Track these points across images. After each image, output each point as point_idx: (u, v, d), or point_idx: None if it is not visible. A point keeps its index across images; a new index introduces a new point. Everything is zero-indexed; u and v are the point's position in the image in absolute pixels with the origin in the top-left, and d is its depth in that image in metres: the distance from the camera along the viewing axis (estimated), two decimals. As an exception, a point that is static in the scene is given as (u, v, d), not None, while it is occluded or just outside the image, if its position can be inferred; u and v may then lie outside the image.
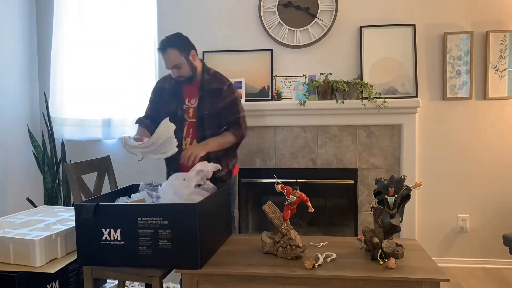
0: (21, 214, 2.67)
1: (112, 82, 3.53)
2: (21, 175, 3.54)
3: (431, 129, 3.33)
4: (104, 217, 1.97)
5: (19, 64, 3.56)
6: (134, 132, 3.54)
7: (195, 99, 2.42)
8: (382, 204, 1.95)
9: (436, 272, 1.76)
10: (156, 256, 1.88)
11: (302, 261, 1.88)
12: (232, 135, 2.41)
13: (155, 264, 1.92)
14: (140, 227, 1.91)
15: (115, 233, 1.97)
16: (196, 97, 2.41)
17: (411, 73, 3.26)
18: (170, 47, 2.36)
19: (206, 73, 2.46)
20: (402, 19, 3.31)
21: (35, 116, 3.72)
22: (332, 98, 3.27)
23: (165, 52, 2.36)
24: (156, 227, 1.88)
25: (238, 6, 3.45)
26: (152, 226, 1.88)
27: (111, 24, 3.52)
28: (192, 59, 2.40)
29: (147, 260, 1.90)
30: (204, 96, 2.40)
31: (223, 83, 2.45)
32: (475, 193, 3.31)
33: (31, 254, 2.13)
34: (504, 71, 3.22)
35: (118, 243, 1.96)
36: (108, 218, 1.97)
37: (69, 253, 2.35)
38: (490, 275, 3.14)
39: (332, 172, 3.36)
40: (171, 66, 2.37)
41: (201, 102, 2.39)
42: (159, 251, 1.88)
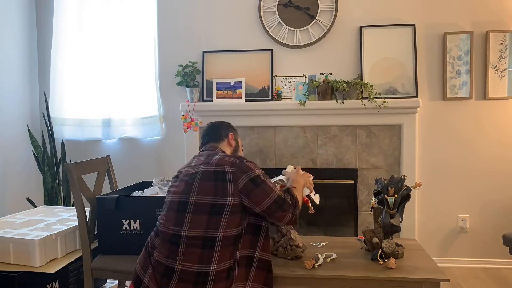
0: (21, 214, 2.67)
1: (112, 82, 3.53)
2: (21, 175, 3.55)
3: (431, 129, 3.33)
4: (125, 208, 2.16)
5: (19, 64, 3.56)
6: (134, 132, 3.56)
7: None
8: (382, 204, 1.95)
9: (436, 272, 1.76)
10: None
11: (302, 261, 1.88)
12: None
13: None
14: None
15: (134, 224, 2.16)
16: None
17: (411, 73, 3.26)
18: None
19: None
20: (402, 19, 3.31)
21: (35, 116, 3.72)
22: (332, 98, 3.27)
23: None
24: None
25: (238, 6, 3.45)
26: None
27: (111, 24, 3.52)
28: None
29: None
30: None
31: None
32: (475, 193, 3.31)
33: (31, 254, 2.13)
34: (504, 71, 3.22)
35: (138, 232, 2.15)
36: (128, 209, 2.16)
37: (69, 253, 2.35)
38: (490, 275, 3.14)
39: (332, 172, 3.36)
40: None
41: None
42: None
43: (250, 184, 1.66)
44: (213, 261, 1.61)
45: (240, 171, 1.67)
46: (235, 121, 3.38)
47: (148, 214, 2.14)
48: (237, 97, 3.34)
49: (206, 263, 1.60)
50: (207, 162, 1.74)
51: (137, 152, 3.61)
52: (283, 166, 3.36)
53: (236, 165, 1.69)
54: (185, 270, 1.60)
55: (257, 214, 1.70)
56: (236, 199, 1.64)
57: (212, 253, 1.61)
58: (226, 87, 3.36)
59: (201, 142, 2.00)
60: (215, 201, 1.64)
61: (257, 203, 1.66)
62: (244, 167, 1.69)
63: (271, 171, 2.67)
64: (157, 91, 3.52)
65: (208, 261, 1.60)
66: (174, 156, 3.55)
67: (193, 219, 1.64)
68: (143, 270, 1.71)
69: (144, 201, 2.18)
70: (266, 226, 1.75)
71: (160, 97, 3.53)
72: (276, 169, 3.29)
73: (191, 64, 3.43)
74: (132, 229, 2.16)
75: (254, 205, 1.67)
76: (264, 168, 3.37)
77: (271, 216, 1.70)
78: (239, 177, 1.66)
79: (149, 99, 3.54)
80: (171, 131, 3.56)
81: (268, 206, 1.67)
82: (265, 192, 1.67)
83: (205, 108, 3.35)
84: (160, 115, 3.53)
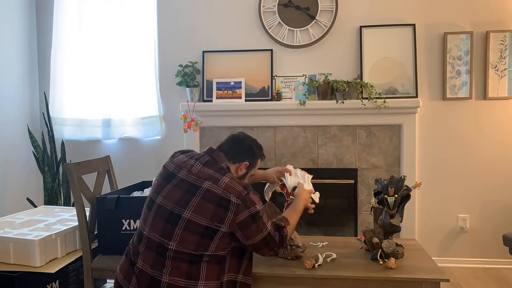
0: (21, 214, 2.67)
1: (112, 82, 3.53)
2: (21, 175, 3.54)
3: (431, 129, 3.33)
4: (125, 208, 2.16)
5: (19, 64, 3.56)
6: (134, 132, 3.56)
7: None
8: (382, 204, 1.95)
9: (436, 272, 1.76)
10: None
11: (302, 261, 1.88)
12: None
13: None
14: None
15: (134, 224, 2.16)
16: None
17: (411, 73, 3.26)
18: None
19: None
20: (402, 19, 3.31)
21: (35, 116, 3.72)
22: (332, 98, 3.27)
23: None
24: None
25: (238, 6, 3.45)
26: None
27: (111, 24, 3.52)
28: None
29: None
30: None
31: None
32: (475, 193, 3.31)
33: (31, 254, 2.13)
34: (504, 71, 3.22)
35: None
36: (128, 209, 2.16)
37: (69, 253, 2.35)
38: (490, 275, 3.14)
39: (332, 172, 3.36)
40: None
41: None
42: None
43: (248, 220, 1.61)
44: (200, 277, 1.58)
45: (244, 205, 1.60)
46: (235, 121, 3.39)
47: None
48: (237, 97, 3.34)
49: (194, 279, 1.58)
50: (214, 180, 1.63)
51: (137, 152, 3.61)
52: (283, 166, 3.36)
53: (242, 197, 1.60)
54: (172, 284, 1.57)
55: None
56: (230, 229, 1.60)
57: (199, 269, 1.59)
58: (226, 87, 3.36)
59: (220, 145, 1.86)
60: (209, 224, 1.58)
61: (248, 237, 1.64)
62: (249, 202, 1.62)
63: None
64: (157, 91, 3.51)
65: (196, 277, 1.58)
66: (174, 156, 3.54)
67: (183, 236, 1.58)
68: (126, 280, 1.65)
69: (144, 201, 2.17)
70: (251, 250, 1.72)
71: (160, 97, 3.53)
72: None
73: (191, 64, 3.42)
74: (132, 229, 2.16)
75: (244, 238, 1.64)
76: (264, 168, 3.37)
77: (255, 250, 1.69)
78: (241, 211, 1.60)
79: (149, 99, 3.54)
80: (171, 131, 3.56)
81: (257, 242, 1.65)
82: (259, 228, 1.64)
83: (205, 108, 3.35)
84: (160, 115, 3.53)
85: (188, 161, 1.74)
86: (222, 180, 1.63)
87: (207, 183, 1.63)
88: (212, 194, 1.60)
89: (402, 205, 1.95)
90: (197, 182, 1.64)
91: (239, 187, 1.62)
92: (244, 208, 1.60)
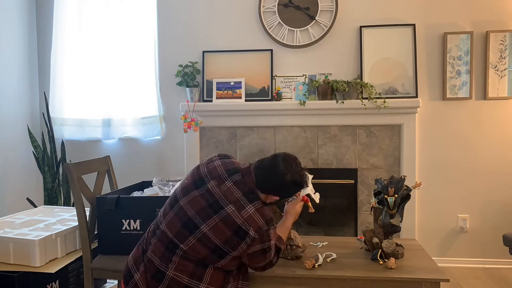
0: (21, 214, 2.67)
1: (112, 82, 3.53)
2: (21, 175, 3.54)
3: (431, 129, 3.33)
4: (125, 208, 2.17)
5: (19, 65, 3.56)
6: (134, 132, 3.56)
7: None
8: (382, 204, 1.95)
9: (436, 272, 1.76)
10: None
11: (302, 261, 1.88)
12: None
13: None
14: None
15: (134, 224, 2.17)
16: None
17: (411, 73, 3.26)
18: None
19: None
20: (402, 19, 3.31)
21: (35, 116, 3.72)
22: (332, 98, 3.27)
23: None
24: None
25: (238, 6, 3.45)
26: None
27: (111, 24, 3.52)
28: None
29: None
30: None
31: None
32: (475, 193, 3.31)
33: (31, 254, 2.13)
34: (504, 71, 3.22)
35: (138, 232, 2.15)
36: (128, 209, 2.17)
37: (69, 253, 2.35)
38: (490, 275, 3.14)
39: (332, 172, 3.36)
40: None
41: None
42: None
43: (259, 252, 1.64)
44: (204, 280, 1.61)
45: (260, 239, 1.60)
46: (235, 121, 3.39)
47: (148, 214, 2.14)
48: (237, 97, 3.34)
49: (197, 280, 1.61)
50: (238, 206, 1.59)
51: (137, 152, 3.61)
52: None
53: (261, 232, 1.59)
54: (176, 280, 1.61)
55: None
56: (238, 255, 1.63)
57: (204, 272, 1.62)
58: (226, 87, 3.36)
59: (258, 166, 1.70)
60: (221, 246, 1.60)
61: (251, 262, 1.68)
62: (266, 237, 1.61)
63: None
64: (157, 91, 3.51)
65: (199, 278, 1.61)
66: (174, 156, 3.55)
67: (196, 245, 1.61)
68: (135, 265, 1.70)
69: (144, 201, 2.19)
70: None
71: (160, 97, 3.53)
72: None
73: (191, 64, 3.42)
74: (132, 229, 2.16)
75: (248, 261, 1.67)
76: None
77: (252, 268, 1.73)
78: (255, 244, 1.60)
79: (149, 99, 3.54)
80: (171, 131, 3.56)
81: (257, 266, 1.70)
82: (264, 259, 1.67)
83: (205, 108, 3.35)
84: (160, 115, 3.53)
85: (221, 171, 1.69)
86: (246, 210, 1.59)
87: (230, 207, 1.60)
88: (232, 221, 1.58)
89: (402, 205, 1.95)
90: (222, 202, 1.61)
91: (261, 221, 1.59)
92: (258, 242, 1.61)
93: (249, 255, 1.64)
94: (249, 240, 1.58)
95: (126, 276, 1.72)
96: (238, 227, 1.57)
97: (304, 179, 1.71)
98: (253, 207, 1.61)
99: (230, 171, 1.69)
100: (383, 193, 1.94)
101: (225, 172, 1.69)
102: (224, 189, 1.64)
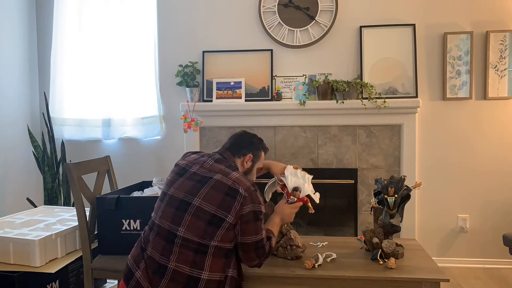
0: (21, 214, 2.68)
1: (112, 82, 3.53)
2: (21, 175, 3.54)
3: (431, 129, 3.33)
4: (125, 208, 2.17)
5: (19, 65, 3.56)
6: (134, 132, 3.56)
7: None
8: (382, 204, 1.95)
9: (436, 272, 1.76)
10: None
11: (302, 261, 1.88)
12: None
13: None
14: None
15: (134, 224, 2.17)
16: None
17: (411, 73, 3.26)
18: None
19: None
20: (402, 19, 3.31)
21: (35, 116, 3.72)
22: (332, 98, 3.27)
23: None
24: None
25: (238, 6, 3.45)
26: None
27: (111, 24, 3.52)
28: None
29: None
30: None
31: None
32: (475, 193, 3.31)
33: (31, 254, 2.13)
34: (504, 71, 3.22)
35: (138, 232, 2.15)
36: (128, 209, 2.17)
37: (69, 253, 2.35)
38: (490, 275, 3.14)
39: (332, 172, 3.36)
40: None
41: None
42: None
43: (251, 215, 1.66)
44: (205, 267, 1.62)
45: (251, 199, 1.66)
46: (235, 121, 3.39)
47: (148, 214, 2.11)
48: (237, 97, 3.34)
49: (198, 268, 1.62)
50: (224, 173, 1.71)
51: (137, 152, 3.61)
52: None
53: (250, 192, 1.66)
54: (177, 271, 1.62)
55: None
56: (234, 220, 1.64)
57: (205, 259, 1.63)
58: (226, 87, 3.36)
59: (224, 145, 1.93)
60: (216, 212, 1.63)
61: (244, 233, 1.67)
62: (255, 198, 1.68)
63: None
64: (157, 91, 3.51)
65: (200, 266, 1.62)
66: (174, 156, 3.54)
67: (192, 221, 1.64)
68: (135, 264, 1.71)
69: (144, 201, 2.19)
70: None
71: (160, 97, 3.53)
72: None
73: (191, 64, 3.43)
74: (132, 229, 2.16)
75: (240, 234, 1.66)
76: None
77: (244, 251, 1.70)
78: (247, 203, 1.65)
79: (149, 99, 3.54)
80: (171, 131, 3.56)
81: (249, 243, 1.68)
82: (256, 229, 1.68)
83: (205, 108, 3.35)
84: (160, 115, 3.53)
85: (200, 158, 1.83)
86: (232, 174, 1.71)
87: (218, 175, 1.71)
88: (222, 184, 1.67)
89: (402, 205, 1.95)
90: (208, 174, 1.72)
91: (248, 183, 1.69)
92: (250, 202, 1.66)
93: (242, 220, 1.65)
94: (240, 198, 1.64)
95: (126, 275, 1.72)
96: (228, 187, 1.66)
97: (261, 139, 2.02)
98: (237, 173, 1.73)
99: (208, 155, 1.84)
100: (383, 193, 1.94)
101: (203, 157, 1.83)
102: (207, 166, 1.77)
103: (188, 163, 1.81)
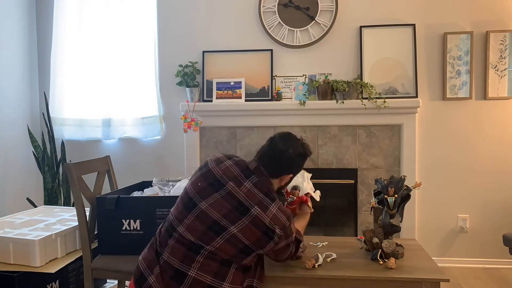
0: (21, 214, 2.67)
1: (112, 82, 3.53)
2: (21, 175, 3.54)
3: (431, 129, 3.33)
4: (125, 208, 2.16)
5: (19, 65, 3.56)
6: (134, 132, 3.56)
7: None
8: (382, 204, 1.95)
9: (436, 272, 1.76)
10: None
11: (302, 261, 1.88)
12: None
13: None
14: (158, 217, 2.11)
15: (134, 223, 2.16)
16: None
17: (411, 73, 3.26)
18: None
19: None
20: (402, 19, 3.31)
21: (35, 116, 3.72)
22: (332, 98, 3.27)
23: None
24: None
25: (238, 6, 3.45)
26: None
27: (111, 24, 3.52)
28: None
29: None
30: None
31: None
32: (475, 193, 3.31)
33: (31, 254, 2.13)
34: (504, 71, 3.22)
35: (138, 232, 2.15)
36: (128, 209, 2.16)
37: (69, 253, 2.35)
38: (490, 275, 3.14)
39: (332, 172, 3.36)
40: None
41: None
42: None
43: (284, 247, 1.70)
44: (227, 279, 1.62)
45: (285, 236, 1.67)
46: (235, 121, 3.39)
47: (148, 214, 2.14)
48: (237, 97, 3.34)
49: (220, 279, 1.61)
50: (263, 208, 1.63)
51: (137, 152, 3.61)
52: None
53: (285, 229, 1.65)
54: (198, 280, 1.59)
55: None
56: (266, 252, 1.68)
57: (228, 271, 1.63)
58: (226, 87, 3.36)
59: (261, 157, 1.76)
60: (250, 246, 1.62)
61: (277, 256, 1.74)
62: (289, 232, 1.68)
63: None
64: (157, 91, 3.51)
65: (222, 277, 1.61)
66: (174, 156, 3.55)
67: (224, 245, 1.62)
68: (149, 268, 1.66)
69: (144, 201, 2.18)
70: (262, 256, 1.80)
71: (160, 97, 3.53)
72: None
73: (191, 64, 3.43)
74: (132, 229, 2.16)
75: (274, 257, 1.74)
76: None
77: (274, 259, 1.77)
78: (282, 240, 1.66)
79: (149, 99, 3.54)
80: (171, 131, 3.56)
81: (280, 259, 1.76)
82: (288, 251, 1.73)
83: (205, 108, 3.35)
84: (160, 115, 3.53)
85: (235, 170, 1.72)
86: (270, 210, 1.65)
87: (256, 208, 1.64)
88: (260, 222, 1.62)
89: (402, 205, 1.95)
90: (247, 203, 1.65)
91: (284, 218, 1.66)
92: (284, 238, 1.67)
93: (275, 251, 1.70)
94: (276, 238, 1.64)
95: (138, 280, 1.68)
96: (266, 227, 1.62)
97: (306, 148, 1.79)
98: (275, 206, 1.66)
99: (245, 172, 1.72)
100: (383, 193, 1.94)
101: (240, 173, 1.71)
102: (245, 190, 1.67)
103: (223, 175, 1.70)
